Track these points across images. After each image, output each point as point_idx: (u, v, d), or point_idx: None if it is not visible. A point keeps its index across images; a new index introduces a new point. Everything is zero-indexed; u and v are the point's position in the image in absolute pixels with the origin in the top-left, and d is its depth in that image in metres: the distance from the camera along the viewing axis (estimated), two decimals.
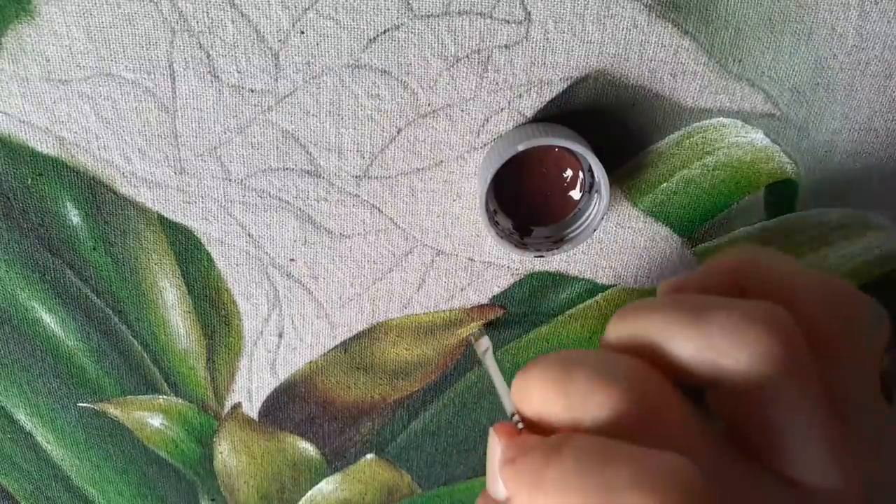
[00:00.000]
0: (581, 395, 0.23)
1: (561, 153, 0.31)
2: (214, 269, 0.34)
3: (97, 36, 0.30)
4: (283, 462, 0.38)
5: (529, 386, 0.25)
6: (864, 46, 0.30)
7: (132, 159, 0.32)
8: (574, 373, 0.23)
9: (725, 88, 0.31)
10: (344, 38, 0.30)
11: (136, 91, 0.31)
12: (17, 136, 0.31)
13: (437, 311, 0.35)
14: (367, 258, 0.34)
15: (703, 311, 0.24)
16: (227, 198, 0.33)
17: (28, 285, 0.34)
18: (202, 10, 0.29)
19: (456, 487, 0.39)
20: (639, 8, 0.29)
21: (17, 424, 0.37)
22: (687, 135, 0.32)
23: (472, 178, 0.32)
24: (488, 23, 0.30)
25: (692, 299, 0.25)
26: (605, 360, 0.24)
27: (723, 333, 0.23)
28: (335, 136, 0.32)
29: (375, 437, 0.37)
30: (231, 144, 0.32)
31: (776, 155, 0.32)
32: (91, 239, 0.33)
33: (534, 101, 0.31)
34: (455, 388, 0.36)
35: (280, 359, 0.36)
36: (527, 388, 0.25)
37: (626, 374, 0.23)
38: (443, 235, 0.33)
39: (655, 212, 0.33)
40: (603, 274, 0.34)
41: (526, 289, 0.34)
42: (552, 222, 0.32)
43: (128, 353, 0.35)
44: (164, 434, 0.37)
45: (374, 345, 0.35)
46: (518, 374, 0.25)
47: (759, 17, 0.30)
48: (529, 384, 0.25)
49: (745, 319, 0.23)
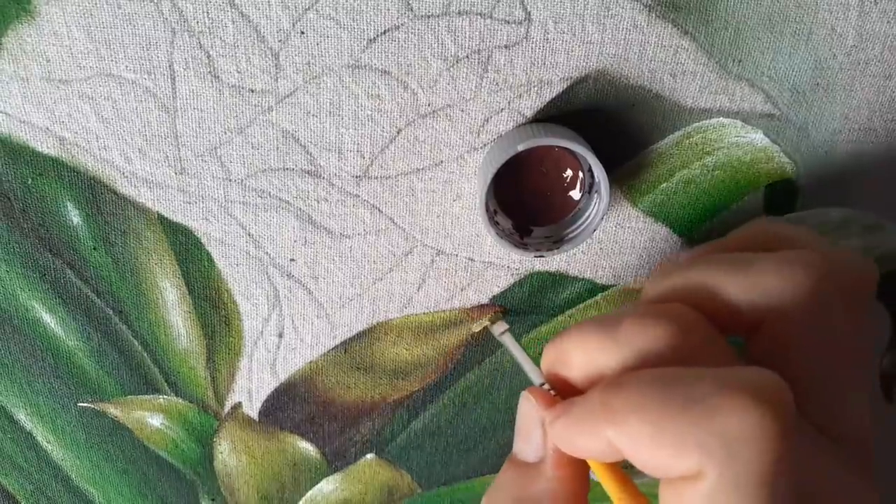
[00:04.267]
0: (629, 335, 0.23)
1: (561, 153, 0.31)
2: (214, 269, 0.34)
3: (97, 36, 0.30)
4: (283, 462, 0.38)
5: (568, 346, 0.25)
6: (863, 46, 0.30)
7: (132, 159, 0.32)
8: (618, 320, 0.23)
9: (725, 88, 0.31)
10: (344, 38, 0.30)
11: (137, 91, 0.31)
12: (18, 136, 0.31)
13: (437, 311, 0.35)
14: (367, 258, 0.34)
15: (746, 260, 0.24)
16: (228, 198, 0.33)
17: (28, 285, 0.34)
18: (202, 10, 0.29)
19: (456, 487, 0.39)
20: (639, 8, 0.30)
21: (17, 424, 0.37)
22: (687, 135, 0.32)
23: (472, 178, 0.32)
24: (488, 23, 0.30)
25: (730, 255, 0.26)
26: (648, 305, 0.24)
27: (768, 274, 0.24)
28: (335, 136, 0.32)
29: (375, 437, 0.37)
30: (231, 144, 0.32)
31: (776, 155, 0.32)
32: (91, 239, 0.33)
33: (534, 101, 0.31)
34: (455, 388, 0.36)
35: (280, 359, 0.36)
36: (565, 349, 0.25)
37: (673, 311, 0.23)
38: (443, 235, 0.33)
39: (655, 212, 0.33)
40: (603, 274, 0.34)
41: (526, 289, 0.34)
42: (552, 222, 0.32)
43: (128, 353, 0.35)
44: (165, 434, 0.37)
45: (374, 345, 0.35)
46: (552, 340, 0.26)
47: (759, 18, 0.30)
48: (569, 343, 0.25)
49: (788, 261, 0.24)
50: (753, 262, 0.24)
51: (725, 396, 0.20)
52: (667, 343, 0.22)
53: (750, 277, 0.24)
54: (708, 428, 0.20)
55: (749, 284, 0.24)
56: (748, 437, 0.20)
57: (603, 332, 0.24)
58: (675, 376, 0.21)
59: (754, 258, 0.25)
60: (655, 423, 0.20)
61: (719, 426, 0.20)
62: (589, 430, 0.22)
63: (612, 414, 0.22)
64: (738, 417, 0.20)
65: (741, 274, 0.24)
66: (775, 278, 0.24)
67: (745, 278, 0.24)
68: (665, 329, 0.23)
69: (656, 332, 0.23)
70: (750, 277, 0.24)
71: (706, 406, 0.20)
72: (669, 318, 0.23)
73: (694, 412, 0.20)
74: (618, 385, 0.22)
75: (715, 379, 0.20)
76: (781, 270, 0.24)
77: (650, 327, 0.23)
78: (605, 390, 0.22)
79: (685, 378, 0.21)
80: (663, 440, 0.20)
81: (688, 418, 0.20)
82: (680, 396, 0.20)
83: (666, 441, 0.20)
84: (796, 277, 0.23)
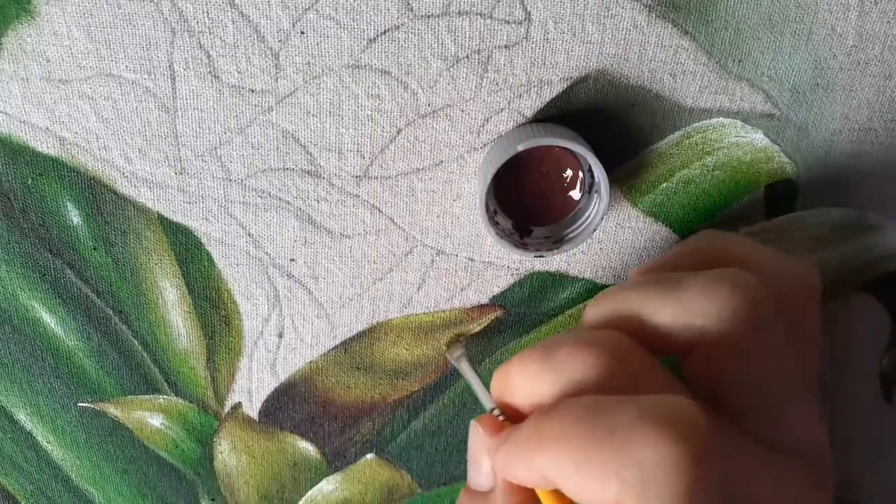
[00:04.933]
0: (564, 362, 0.23)
1: (561, 153, 0.31)
2: (214, 269, 0.34)
3: (97, 36, 0.30)
4: (283, 462, 0.38)
5: (511, 373, 0.25)
6: (863, 46, 0.30)
7: (132, 159, 0.32)
8: (555, 347, 0.24)
9: (725, 88, 0.31)
10: (344, 38, 0.30)
11: (137, 91, 0.31)
12: (18, 136, 0.31)
13: (437, 311, 0.35)
14: (367, 258, 0.34)
15: (676, 281, 0.24)
16: (228, 198, 0.33)
17: (28, 285, 0.34)
18: (202, 10, 0.29)
19: (456, 487, 0.39)
20: (639, 8, 0.30)
21: (17, 424, 0.37)
22: (687, 135, 0.32)
23: (472, 178, 0.32)
24: (488, 23, 0.30)
25: (664, 275, 0.26)
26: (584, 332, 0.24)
27: (695, 296, 0.24)
28: (335, 136, 0.32)
29: (375, 436, 0.37)
30: (231, 144, 0.32)
31: (776, 155, 0.32)
32: (91, 239, 0.33)
33: (534, 101, 0.31)
34: (455, 388, 0.36)
35: (280, 359, 0.36)
36: (509, 376, 0.25)
37: (605, 339, 0.24)
38: (443, 235, 0.33)
39: (655, 212, 0.33)
40: (603, 274, 0.34)
41: (526, 289, 0.34)
42: (552, 222, 0.32)
43: (128, 352, 0.35)
44: (165, 434, 0.37)
45: (374, 345, 0.35)
46: (498, 368, 0.26)
47: (759, 18, 0.30)
48: (511, 371, 0.25)
49: (715, 281, 0.24)
50: (681, 283, 0.24)
51: (639, 426, 0.20)
52: (600, 370, 0.23)
53: (679, 300, 0.24)
54: (625, 458, 0.20)
55: (679, 307, 0.24)
56: (660, 466, 0.20)
57: (541, 359, 0.24)
58: (600, 405, 0.22)
59: (683, 278, 0.24)
60: (579, 452, 0.21)
61: (635, 456, 0.20)
62: (524, 458, 0.23)
63: (541, 442, 0.22)
64: (650, 447, 0.20)
65: (670, 296, 0.24)
66: (703, 300, 0.24)
67: (674, 301, 0.24)
68: (598, 357, 0.23)
69: (589, 360, 0.23)
70: (679, 300, 0.24)
71: (623, 436, 0.20)
72: (601, 345, 0.23)
73: (613, 442, 0.20)
74: (548, 413, 0.22)
75: (635, 408, 0.21)
76: (709, 291, 0.24)
77: (583, 355, 0.23)
78: (536, 418, 0.23)
79: (608, 407, 0.21)
80: (586, 470, 0.21)
81: (607, 448, 0.20)
82: (602, 426, 0.21)
83: (589, 471, 0.21)
84: (724, 299, 0.23)
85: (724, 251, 0.27)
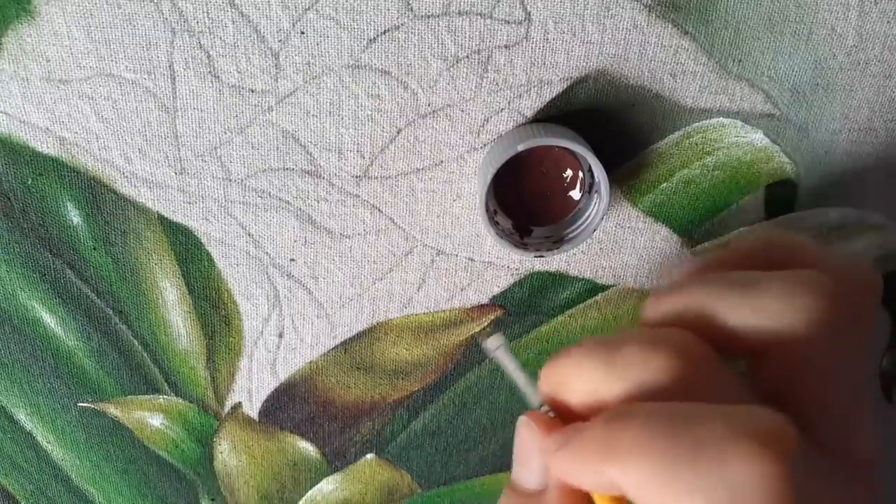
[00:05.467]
0: (630, 363, 0.22)
1: (561, 153, 0.31)
2: (214, 269, 0.34)
3: (97, 36, 0.30)
4: (283, 462, 0.38)
5: (568, 369, 0.24)
6: (863, 46, 0.30)
7: (132, 159, 0.32)
8: (620, 346, 0.23)
9: (725, 88, 0.31)
10: (344, 38, 0.30)
11: (137, 91, 0.31)
12: (18, 136, 0.31)
13: (437, 311, 0.35)
14: (367, 258, 0.34)
15: (752, 281, 0.24)
16: (228, 198, 0.33)
17: (28, 285, 0.34)
18: (202, 10, 0.29)
19: (456, 487, 0.39)
20: (639, 8, 0.30)
21: (17, 424, 0.37)
22: (687, 135, 0.32)
23: (472, 178, 0.32)
24: (488, 23, 0.30)
25: (736, 274, 0.25)
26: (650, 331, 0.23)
27: (774, 297, 0.23)
28: (335, 136, 0.32)
29: (375, 437, 0.37)
30: (231, 144, 0.32)
31: (776, 155, 0.32)
32: (91, 239, 0.33)
33: (534, 101, 0.31)
34: (455, 388, 0.36)
35: (280, 359, 0.36)
36: (564, 373, 0.24)
37: (676, 340, 0.23)
38: (443, 235, 0.33)
39: (655, 212, 0.33)
40: (603, 274, 0.34)
41: (526, 289, 0.34)
42: (552, 222, 0.32)
43: (128, 353, 0.35)
44: (165, 434, 0.37)
45: (374, 345, 0.35)
46: (549, 362, 0.25)
47: (759, 18, 0.30)
48: (568, 368, 0.24)
49: (795, 283, 0.23)
50: (757, 283, 0.23)
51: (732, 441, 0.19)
52: (669, 374, 0.22)
53: (754, 301, 0.23)
54: (714, 476, 0.19)
55: (754, 309, 0.23)
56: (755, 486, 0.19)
57: (602, 359, 0.23)
58: (682, 414, 0.20)
59: (758, 279, 0.24)
60: (662, 465, 0.20)
61: (727, 474, 0.19)
62: (591, 466, 0.21)
63: (615, 452, 0.21)
64: (744, 465, 0.19)
65: (745, 297, 0.23)
66: (781, 303, 0.23)
67: (749, 302, 0.23)
68: (667, 359, 0.22)
69: (658, 363, 0.22)
70: (754, 301, 0.23)
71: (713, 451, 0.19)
72: (671, 346, 0.22)
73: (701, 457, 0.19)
74: (621, 421, 0.21)
75: (723, 421, 0.20)
76: (787, 294, 0.23)
77: (651, 357, 0.22)
78: (607, 425, 0.21)
79: (693, 417, 0.20)
80: (670, 485, 0.20)
81: (695, 463, 0.19)
82: (688, 439, 0.20)
83: (672, 485, 0.20)
84: (803, 301, 0.23)
85: (787, 250, 0.26)
